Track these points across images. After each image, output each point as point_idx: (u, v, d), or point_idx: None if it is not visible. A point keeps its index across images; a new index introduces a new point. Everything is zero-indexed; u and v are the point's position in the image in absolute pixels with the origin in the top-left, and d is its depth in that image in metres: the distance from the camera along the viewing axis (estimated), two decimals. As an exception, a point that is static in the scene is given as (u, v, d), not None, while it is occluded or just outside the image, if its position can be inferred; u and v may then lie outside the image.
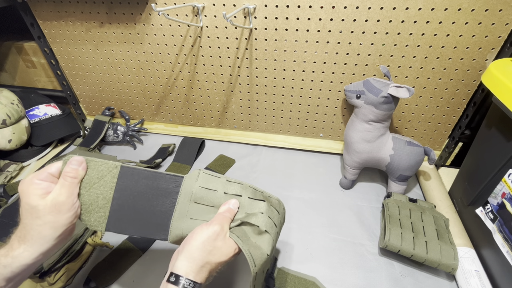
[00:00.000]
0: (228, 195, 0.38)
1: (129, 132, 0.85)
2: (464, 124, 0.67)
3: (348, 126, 0.65)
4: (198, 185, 0.37)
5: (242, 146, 0.85)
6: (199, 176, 0.38)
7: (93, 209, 0.37)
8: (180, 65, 0.74)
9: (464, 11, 0.52)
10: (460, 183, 0.62)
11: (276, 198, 0.42)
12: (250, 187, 0.40)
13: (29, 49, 0.84)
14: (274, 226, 0.39)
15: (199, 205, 0.37)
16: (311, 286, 0.49)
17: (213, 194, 0.38)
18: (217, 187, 0.38)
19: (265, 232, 0.37)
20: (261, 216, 0.38)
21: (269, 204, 0.40)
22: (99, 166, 0.37)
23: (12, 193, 0.67)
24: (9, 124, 0.72)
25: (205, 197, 0.38)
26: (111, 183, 0.37)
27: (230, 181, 0.39)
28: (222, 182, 0.39)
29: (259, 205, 0.39)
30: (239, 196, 0.39)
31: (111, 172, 0.37)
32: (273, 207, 0.41)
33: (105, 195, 0.37)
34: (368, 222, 0.61)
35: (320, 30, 0.61)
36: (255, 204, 0.39)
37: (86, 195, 0.37)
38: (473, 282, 0.47)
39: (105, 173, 0.37)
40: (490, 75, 0.48)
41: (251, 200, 0.39)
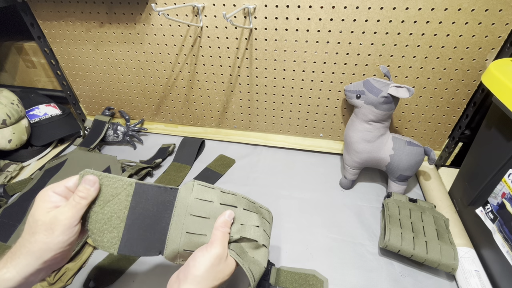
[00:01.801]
0: (224, 206, 0.38)
1: (129, 132, 0.85)
2: (464, 124, 0.67)
3: (348, 126, 0.65)
4: (193, 196, 0.37)
5: (242, 146, 0.85)
6: (194, 187, 0.37)
7: (107, 228, 0.34)
8: (180, 65, 0.74)
9: (464, 11, 0.52)
10: (460, 183, 0.62)
11: (266, 209, 0.43)
12: (244, 198, 0.40)
13: (29, 49, 0.84)
14: (268, 238, 0.40)
15: (194, 218, 0.36)
16: (312, 278, 0.50)
17: (209, 205, 0.37)
18: (213, 198, 0.38)
19: (262, 245, 0.38)
20: (257, 230, 0.38)
21: (261, 216, 0.40)
22: (114, 183, 0.35)
23: (12, 193, 0.67)
24: (9, 124, 0.72)
25: (201, 208, 0.37)
26: (125, 201, 0.35)
27: (225, 192, 0.39)
28: (217, 193, 0.38)
29: (253, 217, 0.39)
30: (235, 207, 0.38)
31: (125, 190, 0.35)
32: (265, 219, 0.41)
33: (119, 214, 0.35)
34: (368, 222, 0.61)
35: (320, 30, 0.61)
36: (250, 216, 0.39)
37: (100, 213, 0.34)
38: (473, 282, 0.47)
39: (120, 191, 0.35)
40: (490, 75, 0.48)
41: (245, 211, 0.39)
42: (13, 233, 0.55)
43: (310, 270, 0.51)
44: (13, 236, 0.54)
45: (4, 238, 0.54)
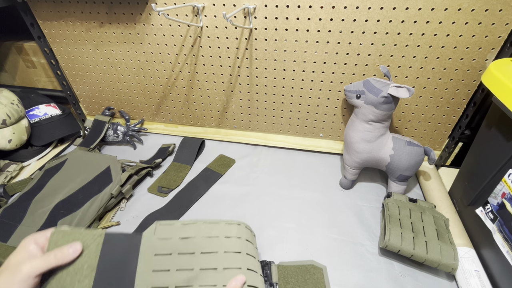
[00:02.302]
0: (183, 240, 0.40)
1: (129, 132, 0.85)
2: (464, 124, 0.67)
3: (348, 126, 0.65)
4: (156, 237, 0.39)
5: (242, 146, 0.85)
6: (156, 229, 0.40)
7: (78, 278, 0.36)
8: (180, 65, 0.74)
9: (464, 11, 0.52)
10: (460, 183, 0.62)
11: (236, 223, 0.43)
12: (205, 223, 0.41)
13: (29, 49, 0.84)
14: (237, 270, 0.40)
15: (158, 257, 0.38)
16: (311, 268, 0.51)
17: (170, 242, 0.39)
18: (172, 234, 0.40)
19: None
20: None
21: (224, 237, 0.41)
22: (85, 235, 0.38)
23: (12, 193, 0.67)
24: (9, 124, 0.72)
25: (163, 246, 0.39)
26: (96, 251, 0.37)
27: (185, 224, 0.41)
28: (176, 227, 0.40)
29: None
30: (193, 237, 0.40)
31: (95, 241, 0.38)
32: (230, 237, 0.42)
33: (90, 263, 0.37)
34: (368, 222, 0.61)
35: (320, 30, 0.61)
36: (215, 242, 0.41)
37: (71, 267, 0.36)
38: (473, 282, 0.47)
39: (90, 242, 0.38)
40: (490, 75, 0.48)
41: (206, 247, 0.40)
42: (13, 233, 0.55)
43: (308, 261, 0.52)
44: (13, 236, 0.54)
45: (4, 238, 0.54)
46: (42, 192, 0.63)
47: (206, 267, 0.39)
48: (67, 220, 0.57)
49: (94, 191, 0.63)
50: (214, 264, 0.39)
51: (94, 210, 0.60)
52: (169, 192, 0.69)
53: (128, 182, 0.66)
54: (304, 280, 0.49)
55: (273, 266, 0.51)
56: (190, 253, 0.39)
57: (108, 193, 0.62)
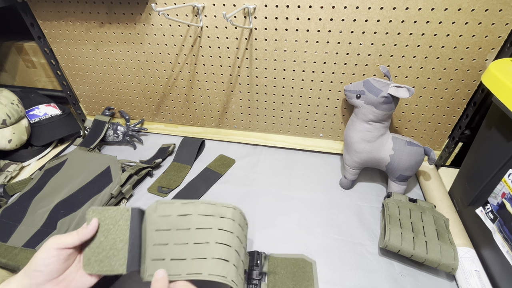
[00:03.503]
0: (181, 217, 0.42)
1: (129, 132, 0.85)
2: (464, 124, 0.67)
3: (348, 126, 0.65)
4: (156, 215, 0.42)
5: (242, 146, 0.85)
6: (157, 207, 0.42)
7: (113, 253, 0.39)
8: (180, 65, 0.74)
9: (464, 11, 0.52)
10: (460, 183, 0.62)
11: (232, 207, 0.45)
12: (203, 203, 0.44)
13: (29, 49, 0.84)
14: (227, 246, 0.42)
15: (158, 232, 0.41)
16: (301, 261, 0.52)
17: (169, 219, 0.42)
18: (171, 212, 0.42)
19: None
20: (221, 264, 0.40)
21: (218, 216, 0.43)
22: (112, 213, 0.41)
23: (12, 193, 0.67)
24: (9, 124, 0.72)
25: (163, 223, 0.41)
26: (125, 226, 0.41)
27: (185, 203, 0.43)
28: (176, 206, 0.43)
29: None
30: (190, 215, 0.42)
31: (123, 216, 0.41)
32: (226, 218, 0.44)
33: (122, 238, 0.40)
34: (368, 222, 0.61)
35: (320, 30, 0.61)
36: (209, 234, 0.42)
37: (105, 242, 0.40)
38: (473, 282, 0.47)
39: (119, 218, 0.41)
40: (490, 75, 0.48)
41: (201, 224, 0.42)
42: (13, 233, 0.55)
43: (298, 255, 0.54)
44: (13, 236, 0.54)
45: (4, 238, 0.54)
46: (42, 192, 0.63)
47: (200, 241, 0.41)
48: (67, 220, 0.57)
49: (94, 191, 0.63)
50: (207, 239, 0.41)
51: (94, 210, 0.60)
52: (169, 192, 0.69)
53: (128, 182, 0.66)
54: (293, 272, 0.51)
55: (264, 257, 0.52)
56: (186, 228, 0.41)
57: (108, 193, 0.62)
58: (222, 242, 0.41)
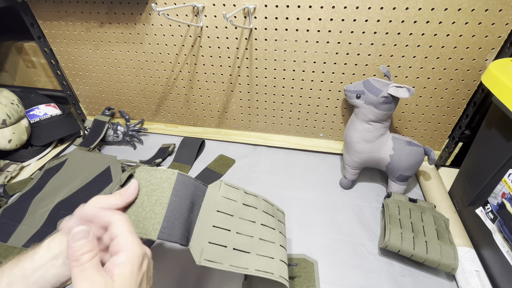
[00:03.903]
0: (246, 206, 0.41)
1: (129, 132, 0.85)
2: (464, 124, 0.67)
3: (348, 126, 0.65)
4: (220, 195, 0.39)
5: (242, 146, 0.85)
6: (221, 186, 0.40)
7: (150, 215, 0.36)
8: (180, 65, 0.74)
9: (464, 11, 0.52)
10: (460, 183, 0.62)
11: (281, 211, 0.45)
12: (264, 201, 0.43)
13: (29, 49, 0.84)
14: (286, 251, 0.42)
15: (220, 214, 0.39)
16: (302, 261, 0.52)
17: (234, 204, 0.40)
18: (237, 197, 0.41)
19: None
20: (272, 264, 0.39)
21: (276, 219, 0.43)
22: (160, 173, 0.38)
23: (12, 193, 0.67)
24: (9, 124, 0.72)
25: (227, 206, 0.39)
26: (168, 189, 0.37)
27: (247, 193, 0.42)
28: (240, 193, 0.41)
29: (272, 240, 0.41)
30: (255, 208, 0.41)
31: (169, 179, 0.38)
32: (280, 221, 0.44)
33: (161, 201, 0.37)
34: (368, 222, 0.61)
35: (320, 30, 0.61)
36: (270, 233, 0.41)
37: (147, 202, 0.36)
38: (473, 282, 0.47)
39: (164, 180, 0.38)
40: (490, 75, 0.48)
41: (266, 221, 0.41)
42: (13, 233, 0.55)
43: (300, 255, 0.54)
44: (13, 236, 0.54)
45: (4, 238, 0.54)
46: (42, 192, 0.63)
47: (266, 239, 0.39)
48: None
49: (94, 191, 0.63)
50: (273, 238, 0.40)
51: (94, 210, 0.60)
52: (169, 192, 0.69)
53: (128, 182, 0.66)
54: (295, 273, 0.51)
55: None
56: (252, 221, 0.40)
57: (108, 193, 0.62)
58: (283, 245, 0.41)
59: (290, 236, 0.59)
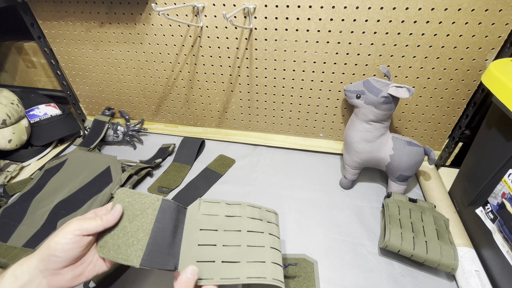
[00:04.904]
0: (229, 217, 0.41)
1: (129, 132, 0.85)
2: (464, 124, 0.67)
3: (348, 126, 0.65)
4: (201, 213, 0.40)
5: (242, 146, 0.85)
6: (200, 205, 0.41)
7: (132, 242, 0.36)
8: (180, 65, 0.74)
9: (464, 11, 0.52)
10: (460, 183, 0.62)
11: (273, 211, 0.45)
12: (249, 206, 0.43)
13: (29, 49, 0.84)
14: (279, 252, 0.42)
15: (203, 231, 0.39)
16: (302, 261, 0.52)
17: (216, 219, 0.40)
18: (218, 211, 0.41)
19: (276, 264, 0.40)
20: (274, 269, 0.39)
21: (265, 221, 0.43)
22: (143, 198, 0.38)
23: (12, 193, 0.67)
24: (9, 124, 0.72)
25: (209, 222, 0.40)
26: (152, 216, 0.37)
27: (229, 204, 0.42)
28: (222, 206, 0.41)
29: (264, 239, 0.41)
30: (239, 217, 0.41)
31: (153, 205, 0.38)
32: (271, 222, 0.43)
33: (144, 228, 0.37)
34: (368, 222, 0.61)
35: (320, 30, 0.61)
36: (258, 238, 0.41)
37: (129, 227, 0.36)
38: (473, 282, 0.47)
39: (148, 206, 0.38)
40: (490, 75, 0.48)
41: (252, 227, 0.41)
42: (13, 233, 0.55)
43: (300, 255, 0.54)
44: (13, 236, 0.54)
45: (4, 238, 0.54)
46: (42, 192, 0.63)
47: (254, 244, 0.39)
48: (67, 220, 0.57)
49: (94, 191, 0.63)
50: (261, 243, 0.40)
51: (94, 210, 0.60)
52: (169, 192, 0.69)
53: (128, 182, 0.66)
54: (295, 273, 0.51)
55: None
56: (237, 230, 0.40)
57: (108, 193, 0.62)
58: (275, 247, 0.41)
59: (290, 236, 0.59)
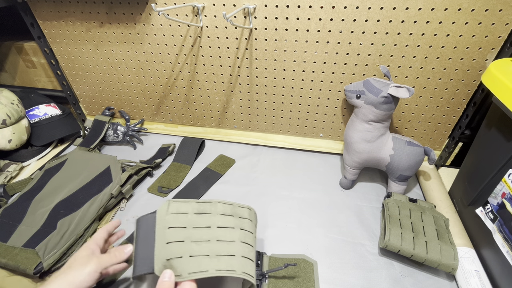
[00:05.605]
0: (198, 215, 0.42)
1: (129, 132, 0.85)
2: (464, 124, 0.67)
3: (348, 126, 0.65)
4: (170, 212, 0.41)
5: (242, 146, 0.85)
6: (169, 205, 0.42)
7: (132, 261, 0.41)
8: (180, 65, 0.74)
9: (464, 11, 0.52)
10: (460, 183, 0.62)
11: (247, 207, 0.45)
12: (220, 203, 0.43)
13: (29, 49, 0.84)
14: (250, 246, 0.42)
15: (171, 229, 0.40)
16: (302, 262, 0.52)
17: (185, 217, 0.41)
18: (188, 210, 0.42)
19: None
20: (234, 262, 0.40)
21: (237, 217, 0.44)
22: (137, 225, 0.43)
23: (12, 193, 0.67)
24: (9, 124, 0.72)
25: (177, 220, 0.41)
26: (135, 235, 0.42)
27: (200, 202, 0.43)
28: (191, 205, 0.42)
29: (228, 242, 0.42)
30: (209, 213, 0.42)
31: (136, 226, 0.43)
32: (244, 218, 0.44)
33: (134, 247, 0.41)
34: (368, 222, 0.61)
35: (320, 30, 0.61)
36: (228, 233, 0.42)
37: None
38: (473, 282, 0.47)
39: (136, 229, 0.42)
40: (490, 75, 0.48)
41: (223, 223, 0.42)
42: (13, 233, 0.55)
43: (299, 255, 0.53)
44: (13, 236, 0.54)
45: (4, 238, 0.54)
46: (42, 192, 0.63)
47: (224, 239, 0.40)
48: (67, 220, 0.57)
49: (94, 191, 0.63)
50: (231, 237, 0.40)
51: (94, 210, 0.60)
52: (169, 192, 0.69)
53: (128, 182, 0.66)
54: (294, 273, 0.50)
55: (265, 257, 0.52)
56: (206, 226, 0.41)
57: (108, 193, 0.62)
58: (246, 241, 0.41)
59: (290, 236, 0.59)
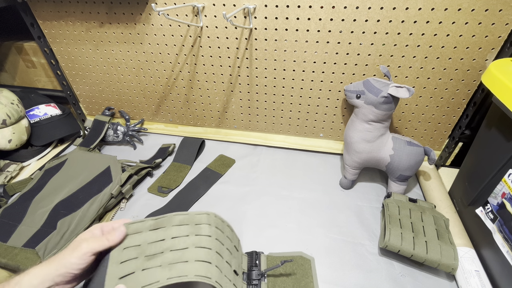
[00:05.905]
0: (153, 231, 0.41)
1: (129, 132, 0.85)
2: (464, 124, 0.67)
3: (348, 126, 0.65)
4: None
5: (242, 146, 0.85)
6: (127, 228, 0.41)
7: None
8: (180, 65, 0.74)
9: (464, 11, 0.52)
10: (460, 183, 0.62)
11: (204, 213, 0.44)
12: (178, 215, 0.43)
13: (29, 49, 0.84)
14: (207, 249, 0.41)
15: (126, 249, 0.39)
16: (299, 259, 0.52)
17: (139, 236, 0.40)
18: (143, 228, 0.41)
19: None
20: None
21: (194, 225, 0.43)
22: None
23: (12, 193, 0.67)
24: (9, 124, 0.72)
25: (132, 240, 0.40)
26: None
27: (155, 219, 0.42)
28: (147, 223, 0.41)
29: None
30: (164, 227, 0.42)
31: None
32: (200, 224, 0.43)
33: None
34: (368, 222, 0.61)
35: (320, 30, 0.61)
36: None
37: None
38: (473, 282, 0.47)
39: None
40: (490, 75, 0.48)
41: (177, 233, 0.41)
42: (13, 233, 0.55)
43: (297, 252, 0.54)
44: (13, 236, 0.54)
45: (4, 238, 0.54)
46: (42, 192, 0.63)
47: (177, 248, 0.40)
48: (67, 220, 0.57)
49: (94, 191, 0.63)
50: (185, 245, 0.40)
51: (94, 210, 0.60)
52: (169, 192, 0.69)
53: (128, 182, 0.66)
54: (292, 270, 0.51)
55: (262, 256, 0.52)
56: (161, 240, 0.40)
57: (108, 193, 0.62)
58: (201, 246, 0.41)
59: (290, 236, 0.59)
